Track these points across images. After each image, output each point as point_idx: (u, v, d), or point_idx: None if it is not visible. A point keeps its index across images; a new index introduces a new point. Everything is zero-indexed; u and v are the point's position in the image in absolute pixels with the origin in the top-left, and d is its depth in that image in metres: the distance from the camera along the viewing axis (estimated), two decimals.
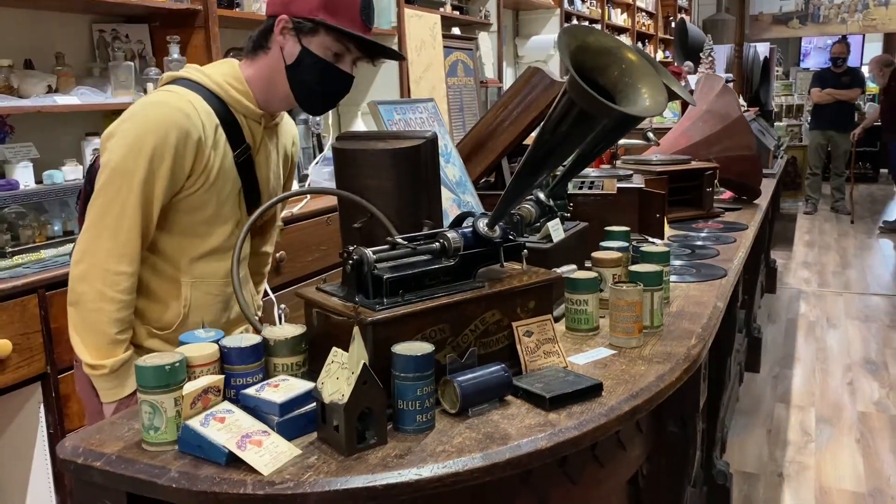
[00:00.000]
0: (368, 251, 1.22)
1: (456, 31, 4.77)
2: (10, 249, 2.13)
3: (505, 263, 1.38)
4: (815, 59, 13.52)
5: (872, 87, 11.70)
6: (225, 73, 1.57)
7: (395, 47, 3.96)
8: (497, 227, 1.34)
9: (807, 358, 4.21)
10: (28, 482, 2.11)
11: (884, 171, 10.81)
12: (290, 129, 1.80)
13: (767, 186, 3.64)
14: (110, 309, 1.46)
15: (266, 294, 2.05)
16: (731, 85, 3.94)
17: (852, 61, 11.62)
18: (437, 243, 1.30)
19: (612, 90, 1.14)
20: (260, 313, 1.90)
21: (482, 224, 1.33)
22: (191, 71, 1.57)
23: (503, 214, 1.34)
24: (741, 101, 4.74)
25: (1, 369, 1.90)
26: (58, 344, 2.03)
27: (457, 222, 1.39)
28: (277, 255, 2.81)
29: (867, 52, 12.78)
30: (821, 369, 4.04)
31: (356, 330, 1.07)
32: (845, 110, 8.14)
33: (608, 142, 1.72)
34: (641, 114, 1.11)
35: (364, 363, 1.05)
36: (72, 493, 1.16)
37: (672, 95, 1.54)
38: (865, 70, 12.04)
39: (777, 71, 10.32)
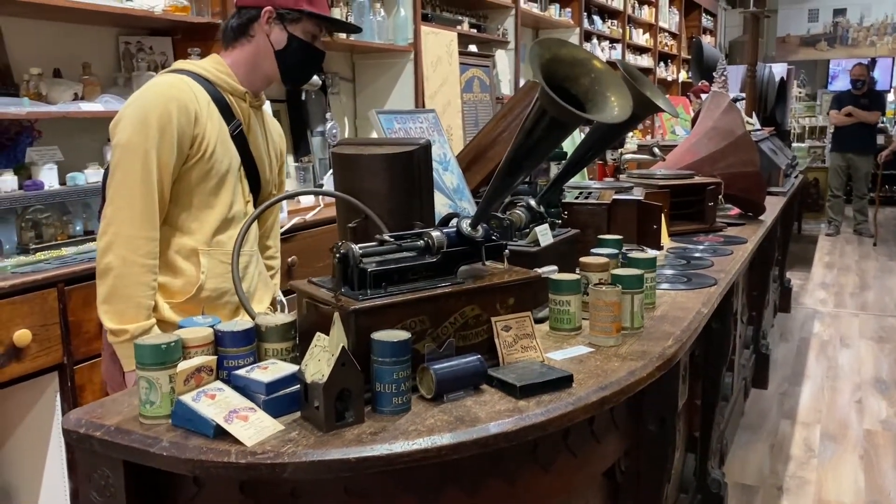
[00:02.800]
0: (355, 246, 1.30)
1: (473, 48, 4.87)
2: (34, 246, 2.26)
3: (488, 263, 1.46)
4: (843, 82, 13.46)
5: None
6: (209, 61, 1.78)
7: (411, 63, 4.08)
8: (480, 228, 1.42)
9: (816, 376, 4.22)
10: (43, 469, 2.21)
11: None
12: (275, 126, 1.99)
13: (776, 204, 3.68)
14: (135, 272, 1.61)
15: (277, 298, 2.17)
16: (740, 103, 4.00)
17: (882, 84, 11.57)
18: (422, 241, 1.38)
19: (582, 99, 1.22)
20: (281, 297, 2.04)
21: (465, 224, 1.41)
22: (180, 63, 1.78)
23: (485, 214, 1.42)
24: (754, 119, 4.78)
25: (20, 358, 2.01)
26: (75, 336, 2.14)
27: (443, 222, 1.47)
28: (289, 259, 2.92)
29: None
30: (830, 387, 4.04)
31: (336, 316, 1.15)
32: (865, 133, 8.11)
33: (597, 150, 1.79)
34: (608, 120, 1.19)
35: (343, 346, 1.13)
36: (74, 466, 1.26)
37: (655, 108, 1.61)
38: (893, 94, 11.98)
39: (800, 92, 10.32)
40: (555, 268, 1.57)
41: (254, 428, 1.12)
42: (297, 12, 1.75)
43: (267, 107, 1.98)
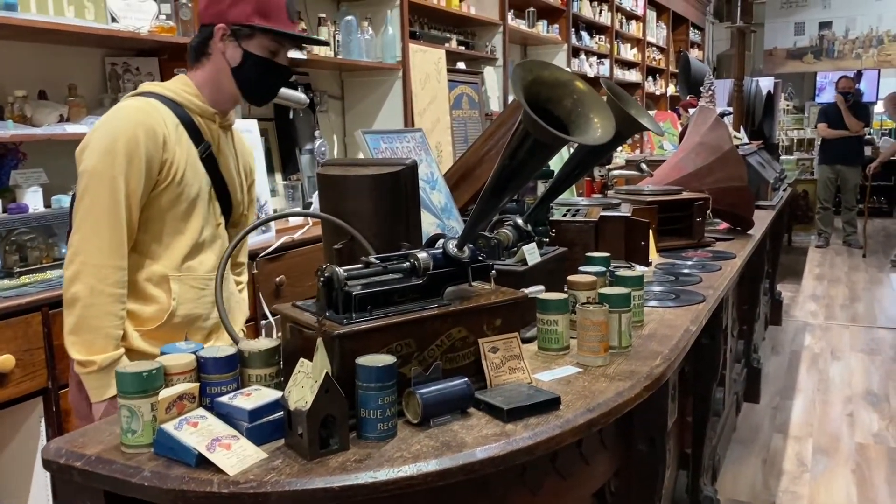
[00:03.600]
0: (339, 269, 1.29)
1: (461, 65, 4.89)
2: (18, 269, 2.24)
3: (475, 283, 1.45)
4: (830, 94, 13.57)
5: (889, 122, 11.74)
6: (176, 82, 1.75)
7: (400, 81, 4.09)
8: (466, 248, 1.41)
9: (808, 389, 4.22)
10: (28, 495, 2.18)
11: None
12: (245, 144, 1.97)
13: (764, 218, 3.69)
14: (103, 302, 1.57)
15: (266, 317, 2.16)
16: (727, 118, 4.02)
17: (868, 96, 11.66)
18: (408, 263, 1.38)
19: (565, 120, 1.21)
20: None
21: (451, 245, 1.41)
22: (147, 86, 1.74)
23: (471, 235, 1.41)
24: (742, 133, 4.81)
25: (4, 383, 1.99)
26: (59, 360, 2.12)
27: (430, 243, 1.46)
28: (277, 279, 2.90)
29: (883, 88, 12.81)
30: (821, 400, 4.04)
31: (319, 341, 1.14)
32: (853, 144, 8.18)
33: (584, 168, 1.79)
34: (591, 142, 1.19)
35: (326, 372, 1.12)
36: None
37: (640, 127, 1.61)
38: (881, 105, 12.08)
39: (788, 105, 10.39)
40: (542, 287, 1.56)
41: (237, 457, 1.11)
42: (248, 28, 1.69)
43: (239, 124, 1.96)
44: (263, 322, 2.81)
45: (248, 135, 2.93)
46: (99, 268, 1.57)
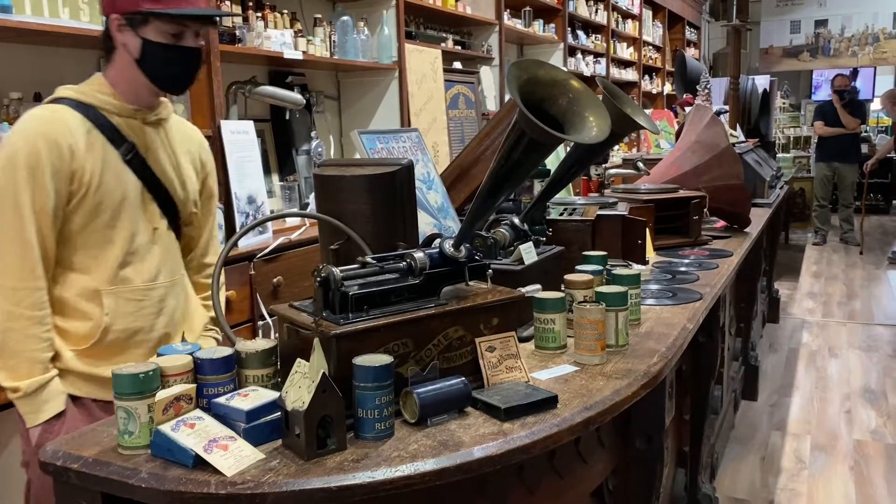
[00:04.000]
0: (336, 269, 1.29)
1: (458, 65, 4.89)
2: None
3: (471, 283, 1.45)
4: (826, 92, 13.58)
5: (885, 119, 11.75)
6: (90, 83, 1.64)
7: (396, 81, 4.08)
8: (462, 248, 1.41)
9: (806, 386, 4.22)
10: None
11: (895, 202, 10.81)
12: (192, 135, 1.84)
13: (761, 216, 3.69)
14: (22, 326, 1.49)
15: (263, 318, 2.12)
16: (723, 116, 4.03)
17: (864, 94, 11.68)
18: (404, 263, 1.38)
19: (560, 119, 1.22)
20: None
21: (448, 245, 1.41)
22: (60, 90, 1.63)
23: (468, 235, 1.41)
24: (738, 131, 4.81)
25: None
26: None
27: (426, 243, 1.46)
28: (275, 280, 2.90)
29: (879, 86, 12.83)
30: (819, 398, 4.05)
31: (316, 341, 1.14)
32: (849, 142, 8.19)
33: (580, 167, 1.79)
34: (586, 141, 1.19)
35: (323, 372, 1.12)
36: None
37: (636, 126, 1.62)
38: (877, 103, 12.10)
39: (784, 103, 10.40)
40: (538, 286, 1.56)
41: (234, 457, 1.11)
42: (139, 14, 1.56)
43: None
44: (261, 323, 2.81)
45: (242, 136, 2.93)
46: (13, 290, 1.49)
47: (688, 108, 4.96)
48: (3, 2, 2.23)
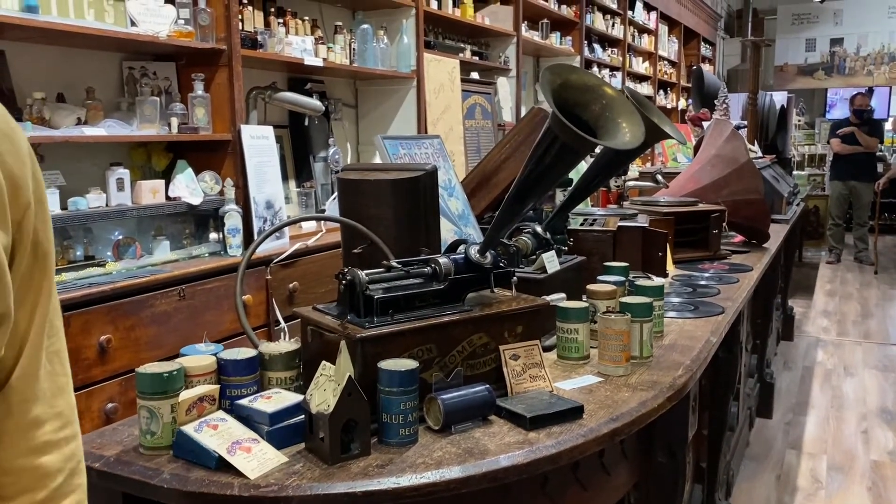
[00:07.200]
0: (361, 273, 1.28)
1: (475, 75, 4.89)
2: None
3: (496, 290, 1.44)
4: (841, 111, 13.51)
5: None
6: None
7: (414, 90, 4.09)
8: (488, 254, 1.40)
9: (821, 405, 4.17)
10: None
11: None
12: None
13: (779, 232, 3.66)
14: None
15: (279, 322, 2.08)
16: (742, 131, 4.01)
17: (879, 113, 11.62)
18: (429, 268, 1.36)
19: (593, 125, 1.20)
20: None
21: (474, 251, 1.39)
22: None
23: (494, 241, 1.40)
24: (756, 147, 4.79)
25: None
26: (73, 363, 2.09)
27: (451, 249, 1.45)
28: (290, 285, 2.89)
29: (895, 105, 12.78)
30: (835, 417, 4.00)
31: (343, 344, 1.13)
32: (866, 161, 8.14)
33: (603, 177, 1.78)
34: (620, 147, 1.18)
35: (349, 376, 1.11)
36: None
37: (664, 135, 1.60)
38: (891, 122, 12.04)
39: (799, 120, 10.36)
40: (563, 295, 1.55)
41: (257, 460, 1.09)
42: None
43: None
44: (276, 328, 2.80)
45: (262, 141, 2.93)
46: None
47: (705, 124, 4.94)
48: (30, 2, 2.24)
